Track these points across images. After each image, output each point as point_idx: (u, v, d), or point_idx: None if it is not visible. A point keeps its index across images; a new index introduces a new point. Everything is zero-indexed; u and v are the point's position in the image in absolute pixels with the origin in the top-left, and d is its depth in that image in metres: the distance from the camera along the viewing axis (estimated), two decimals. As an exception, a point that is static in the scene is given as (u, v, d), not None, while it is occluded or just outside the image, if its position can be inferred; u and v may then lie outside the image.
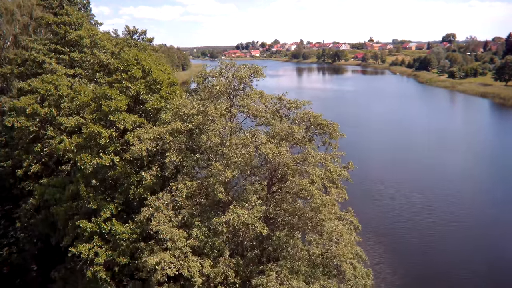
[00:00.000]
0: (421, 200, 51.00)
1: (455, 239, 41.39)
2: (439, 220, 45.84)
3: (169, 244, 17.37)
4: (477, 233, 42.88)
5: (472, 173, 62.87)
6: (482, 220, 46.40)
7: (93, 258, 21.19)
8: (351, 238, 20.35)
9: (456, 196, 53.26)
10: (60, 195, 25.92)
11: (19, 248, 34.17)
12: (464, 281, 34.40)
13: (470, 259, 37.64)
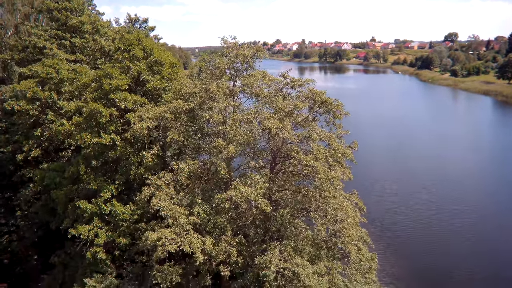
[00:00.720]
0: (424, 195, 50.48)
1: (460, 236, 40.90)
2: (443, 215, 45.47)
3: (170, 221, 16.99)
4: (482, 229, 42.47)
5: (474, 165, 62.62)
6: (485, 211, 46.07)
7: (93, 239, 20.84)
8: (356, 218, 19.99)
9: (457, 190, 52.87)
10: (60, 179, 25.61)
11: (19, 236, 33.89)
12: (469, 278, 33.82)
13: (475, 254, 37.13)
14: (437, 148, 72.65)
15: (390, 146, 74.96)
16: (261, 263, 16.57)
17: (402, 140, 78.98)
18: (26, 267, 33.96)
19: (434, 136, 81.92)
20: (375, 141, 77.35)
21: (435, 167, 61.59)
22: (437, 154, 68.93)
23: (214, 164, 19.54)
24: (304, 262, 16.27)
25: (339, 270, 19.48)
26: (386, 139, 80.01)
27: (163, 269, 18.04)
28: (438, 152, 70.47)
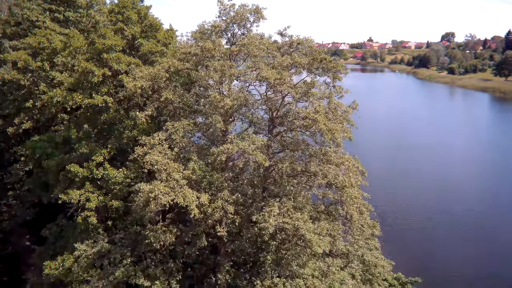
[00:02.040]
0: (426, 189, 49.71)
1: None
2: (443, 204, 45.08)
3: (164, 175, 16.28)
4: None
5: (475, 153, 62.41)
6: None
7: (84, 204, 20.10)
8: (358, 179, 19.42)
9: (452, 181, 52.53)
10: (51, 150, 24.89)
11: (11, 215, 33.10)
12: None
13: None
14: (440, 139, 72.37)
15: (389, 139, 74.57)
16: (259, 220, 15.89)
17: (400, 133, 78.66)
18: (17, 247, 33.16)
19: (435, 129, 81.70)
20: (374, 134, 77.00)
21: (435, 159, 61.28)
22: (439, 142, 68.78)
23: (210, 124, 18.92)
24: (305, 217, 15.62)
25: (341, 234, 18.85)
26: (385, 133, 79.64)
27: (156, 228, 17.36)
28: (440, 140, 70.33)
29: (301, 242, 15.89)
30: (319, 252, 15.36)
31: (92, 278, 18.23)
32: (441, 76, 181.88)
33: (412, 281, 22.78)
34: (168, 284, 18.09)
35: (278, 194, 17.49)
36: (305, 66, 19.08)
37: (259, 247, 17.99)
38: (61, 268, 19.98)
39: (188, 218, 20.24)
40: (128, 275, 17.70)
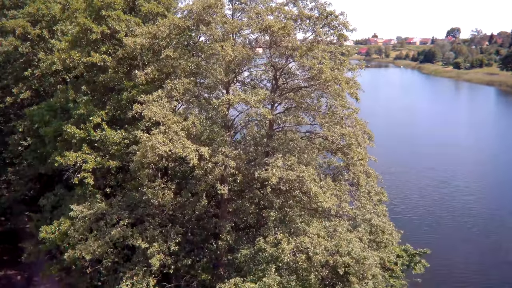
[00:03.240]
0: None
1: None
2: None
3: (162, 128, 15.54)
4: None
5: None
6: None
7: (81, 166, 19.42)
8: (365, 141, 18.58)
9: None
10: (50, 117, 24.27)
11: (10, 191, 32.60)
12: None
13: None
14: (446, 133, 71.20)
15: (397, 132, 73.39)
16: (262, 176, 15.10)
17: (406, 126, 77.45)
18: (16, 223, 32.75)
19: (441, 122, 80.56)
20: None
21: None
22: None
23: (211, 84, 18.16)
24: (310, 169, 14.81)
25: (347, 196, 18.03)
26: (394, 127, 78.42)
27: (154, 185, 16.65)
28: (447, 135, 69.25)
29: (306, 198, 15.09)
30: (325, 207, 14.56)
31: (88, 240, 17.54)
32: (446, 71, 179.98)
33: (420, 253, 21.96)
34: (167, 246, 17.39)
35: (282, 151, 16.66)
36: (310, 22, 18.21)
37: (261, 208, 17.23)
38: (57, 233, 19.37)
39: (187, 180, 19.54)
40: (125, 235, 17.02)
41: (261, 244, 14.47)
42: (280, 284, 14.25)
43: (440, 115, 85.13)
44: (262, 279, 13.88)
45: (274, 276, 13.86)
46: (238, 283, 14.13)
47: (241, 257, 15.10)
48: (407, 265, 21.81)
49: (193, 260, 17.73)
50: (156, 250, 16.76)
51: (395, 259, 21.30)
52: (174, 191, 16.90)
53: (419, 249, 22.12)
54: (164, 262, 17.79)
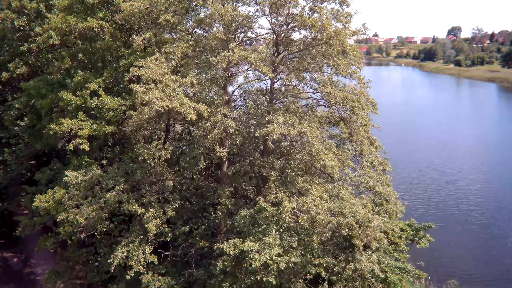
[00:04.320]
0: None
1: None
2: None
3: (160, 86, 15.00)
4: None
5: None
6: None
7: (76, 133, 18.88)
8: (368, 107, 18.04)
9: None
10: (46, 91, 23.74)
11: (6, 171, 32.07)
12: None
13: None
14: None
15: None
16: (262, 134, 14.55)
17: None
18: (12, 205, 32.21)
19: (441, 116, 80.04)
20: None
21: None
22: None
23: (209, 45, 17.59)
24: (312, 126, 14.25)
25: (350, 163, 17.46)
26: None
27: (151, 147, 16.11)
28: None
29: (308, 156, 14.51)
30: (328, 165, 13.99)
31: (83, 205, 16.97)
32: (447, 68, 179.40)
33: (425, 227, 21.38)
34: (164, 213, 16.85)
35: (283, 112, 16.08)
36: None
37: (262, 175, 16.61)
38: (51, 201, 18.82)
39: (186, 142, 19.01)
40: (121, 199, 16.47)
41: (261, 203, 13.92)
42: (282, 245, 13.72)
43: (441, 106, 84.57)
44: (263, 239, 13.34)
45: (275, 235, 13.32)
46: (237, 243, 13.59)
47: (240, 219, 14.54)
48: (411, 240, 21.24)
49: (191, 228, 17.19)
50: (152, 215, 16.24)
51: (399, 233, 20.78)
52: (171, 151, 16.30)
53: (423, 223, 21.55)
54: (161, 230, 17.28)
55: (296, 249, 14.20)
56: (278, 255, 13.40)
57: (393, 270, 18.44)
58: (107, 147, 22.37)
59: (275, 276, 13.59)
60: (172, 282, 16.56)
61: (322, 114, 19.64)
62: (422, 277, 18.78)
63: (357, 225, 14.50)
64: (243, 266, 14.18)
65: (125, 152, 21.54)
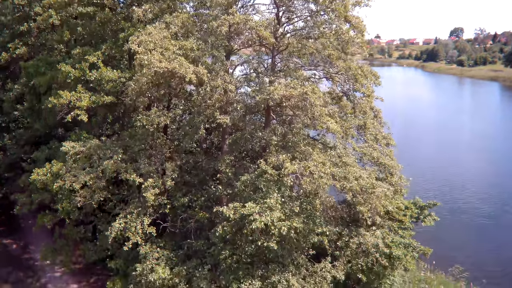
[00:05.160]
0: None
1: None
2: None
3: (160, 50, 14.67)
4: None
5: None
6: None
7: (75, 105, 18.55)
8: (371, 77, 17.67)
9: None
10: (45, 69, 23.50)
11: (6, 156, 31.82)
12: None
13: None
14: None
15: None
16: (264, 97, 14.18)
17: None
18: (11, 189, 31.90)
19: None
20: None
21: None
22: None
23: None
24: (314, 88, 13.87)
25: (354, 133, 17.06)
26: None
27: (150, 113, 15.77)
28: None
29: (310, 121, 14.11)
30: (330, 128, 13.60)
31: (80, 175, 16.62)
32: (449, 68, 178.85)
33: (430, 205, 20.93)
34: (162, 182, 16.49)
35: (285, 76, 15.73)
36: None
37: (263, 145, 16.24)
38: (49, 174, 18.49)
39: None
40: (119, 167, 16.11)
41: (262, 166, 13.53)
42: (283, 210, 13.31)
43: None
44: (264, 201, 12.94)
45: (277, 198, 12.92)
46: (238, 208, 13.20)
47: (240, 185, 14.15)
48: (416, 218, 20.79)
49: (190, 200, 16.80)
50: (150, 185, 15.87)
51: (403, 211, 20.35)
52: (170, 117, 15.93)
53: (428, 201, 21.10)
54: (160, 202, 16.92)
55: (298, 216, 13.78)
56: (280, 220, 12.99)
57: (398, 245, 18.00)
58: (106, 124, 22.08)
59: (276, 242, 13.16)
60: (171, 255, 16.16)
61: (324, 91, 19.29)
62: (427, 253, 18.28)
63: (361, 191, 14.10)
64: (243, 233, 13.80)
65: (124, 129, 21.22)
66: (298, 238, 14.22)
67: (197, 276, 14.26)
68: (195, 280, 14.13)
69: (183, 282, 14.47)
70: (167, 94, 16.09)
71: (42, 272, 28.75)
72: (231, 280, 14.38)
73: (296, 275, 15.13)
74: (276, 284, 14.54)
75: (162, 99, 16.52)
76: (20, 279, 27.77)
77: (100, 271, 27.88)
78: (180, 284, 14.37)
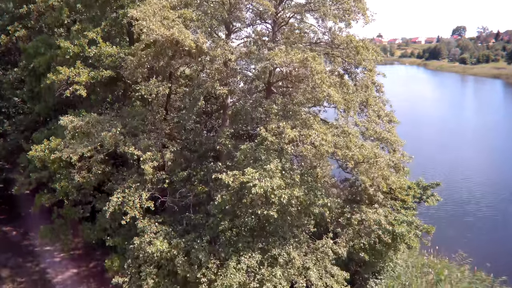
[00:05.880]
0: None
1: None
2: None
3: (159, 18, 14.42)
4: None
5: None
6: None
7: (74, 80, 18.35)
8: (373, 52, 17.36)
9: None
10: (45, 49, 23.32)
11: (5, 141, 31.69)
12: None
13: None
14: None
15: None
16: (264, 64, 13.90)
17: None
18: (12, 173, 31.77)
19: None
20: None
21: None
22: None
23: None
24: (315, 55, 13.57)
25: (356, 105, 16.69)
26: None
27: (149, 84, 15.54)
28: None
29: (311, 90, 13.80)
30: (332, 96, 13.30)
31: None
32: (452, 66, 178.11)
33: (433, 185, 20.61)
34: (161, 156, 16.25)
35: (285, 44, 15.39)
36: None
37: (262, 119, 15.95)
38: (47, 151, 18.29)
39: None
40: (117, 139, 15.88)
41: (262, 133, 13.24)
42: (283, 177, 13.03)
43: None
44: (264, 167, 12.67)
45: (277, 164, 12.64)
46: (237, 175, 12.93)
47: (240, 155, 13.87)
48: (419, 198, 20.48)
49: (189, 174, 16.55)
50: (149, 158, 15.64)
51: (406, 190, 20.05)
52: (170, 88, 15.68)
53: (431, 182, 20.79)
54: (159, 177, 16.69)
55: (299, 186, 13.49)
56: (280, 188, 12.70)
57: (401, 223, 17.69)
58: (106, 103, 21.89)
59: (277, 210, 12.89)
60: (169, 229, 15.90)
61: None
62: (430, 231, 17.95)
63: (364, 161, 13.80)
64: (243, 203, 13.54)
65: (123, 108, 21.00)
66: (299, 209, 13.94)
67: (196, 248, 13.99)
68: (193, 252, 13.86)
69: (182, 254, 14.20)
70: (168, 65, 15.80)
71: (41, 258, 28.62)
72: (231, 252, 14.12)
73: (297, 249, 14.86)
74: (276, 257, 14.28)
75: (161, 71, 16.24)
76: (19, 264, 27.64)
77: (99, 256, 27.72)
78: (179, 256, 14.10)
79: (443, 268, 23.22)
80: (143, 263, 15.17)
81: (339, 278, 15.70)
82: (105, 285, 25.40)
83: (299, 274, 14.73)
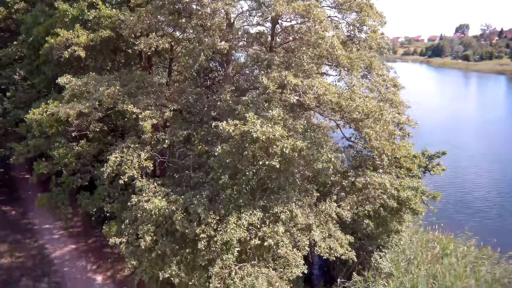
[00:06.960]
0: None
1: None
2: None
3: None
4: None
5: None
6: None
7: (73, 41, 17.97)
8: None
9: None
10: (44, 19, 22.98)
11: (6, 118, 31.40)
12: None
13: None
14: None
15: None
16: (266, 15, 13.51)
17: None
18: (10, 154, 31.49)
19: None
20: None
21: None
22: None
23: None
24: (318, 4, 13.19)
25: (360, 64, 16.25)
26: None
27: (148, 38, 15.15)
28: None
29: (313, 41, 13.35)
30: (336, 48, 12.89)
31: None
32: (455, 63, 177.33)
33: (439, 154, 20.17)
34: (161, 116, 15.87)
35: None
36: None
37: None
38: (45, 114, 17.94)
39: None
40: (115, 97, 15.51)
41: (264, 81, 12.83)
42: (285, 125, 12.62)
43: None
44: (265, 115, 12.26)
45: (279, 111, 12.23)
46: (238, 124, 12.53)
47: (241, 108, 13.47)
48: (424, 168, 20.04)
49: (189, 134, 16.16)
50: (148, 116, 15.27)
51: (411, 159, 19.62)
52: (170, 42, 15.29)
53: (436, 151, 20.35)
54: (158, 138, 16.31)
55: (302, 139, 13.08)
56: (282, 137, 12.29)
57: (406, 189, 17.27)
58: (105, 71, 21.51)
59: (279, 161, 12.48)
60: (169, 190, 15.53)
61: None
62: (437, 197, 17.51)
63: (369, 113, 13.36)
64: (244, 156, 13.14)
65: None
66: (302, 163, 13.52)
67: (195, 203, 13.58)
68: (192, 207, 13.46)
69: (180, 210, 13.80)
70: (168, 21, 15.41)
71: (40, 235, 28.40)
72: (231, 209, 13.71)
73: (301, 208, 14.46)
74: (278, 215, 13.88)
75: (161, 28, 15.85)
76: (18, 240, 27.42)
77: (98, 233, 27.45)
78: (177, 212, 13.70)
79: (448, 243, 22.75)
80: (140, 224, 14.79)
81: (343, 242, 15.31)
82: (103, 259, 25.15)
83: (302, 234, 14.35)
